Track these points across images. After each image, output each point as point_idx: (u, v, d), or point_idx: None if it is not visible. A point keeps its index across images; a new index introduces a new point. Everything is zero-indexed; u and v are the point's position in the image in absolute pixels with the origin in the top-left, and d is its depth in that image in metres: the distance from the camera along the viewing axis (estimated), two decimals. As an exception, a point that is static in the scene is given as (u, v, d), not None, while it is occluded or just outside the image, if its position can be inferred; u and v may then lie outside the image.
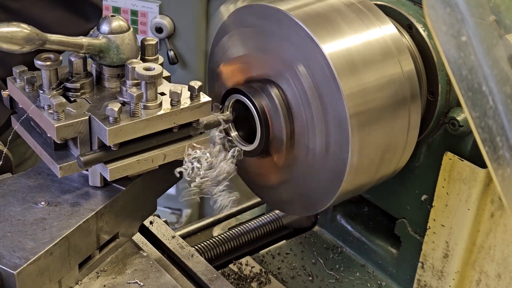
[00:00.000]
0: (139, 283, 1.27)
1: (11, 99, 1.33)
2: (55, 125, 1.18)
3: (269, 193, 1.51)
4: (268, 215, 1.83)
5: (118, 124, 1.19)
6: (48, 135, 1.24)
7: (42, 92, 1.24)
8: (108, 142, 1.19)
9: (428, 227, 1.48)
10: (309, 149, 1.34)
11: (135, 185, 1.32)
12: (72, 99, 1.26)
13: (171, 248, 1.44)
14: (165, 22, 2.88)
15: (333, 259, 1.73)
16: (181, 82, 1.30)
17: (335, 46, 1.26)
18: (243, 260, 1.71)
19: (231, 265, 1.69)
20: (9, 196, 1.28)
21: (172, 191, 3.11)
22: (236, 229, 1.77)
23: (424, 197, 1.50)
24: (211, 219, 1.95)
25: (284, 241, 1.80)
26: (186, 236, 1.88)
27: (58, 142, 1.23)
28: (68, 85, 1.26)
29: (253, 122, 1.37)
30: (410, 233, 1.55)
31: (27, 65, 1.29)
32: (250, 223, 1.80)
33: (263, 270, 1.69)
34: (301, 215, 1.80)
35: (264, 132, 1.36)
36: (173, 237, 1.47)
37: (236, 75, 1.44)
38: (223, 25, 1.46)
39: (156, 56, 1.35)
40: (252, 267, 1.70)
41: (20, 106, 1.30)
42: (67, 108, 1.22)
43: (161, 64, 1.31)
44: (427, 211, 1.48)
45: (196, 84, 1.26)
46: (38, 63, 1.23)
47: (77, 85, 1.26)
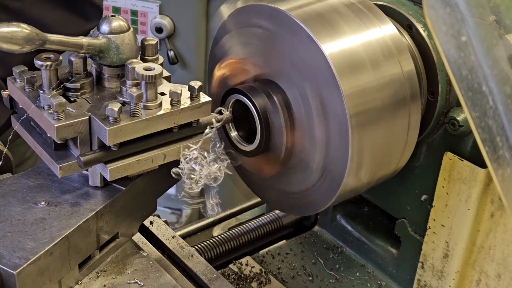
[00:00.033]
0: (139, 283, 1.27)
1: (11, 99, 1.33)
2: (55, 125, 1.18)
3: (269, 193, 1.51)
4: (268, 215, 1.83)
5: (118, 124, 1.19)
6: (48, 135, 1.24)
7: (42, 92, 1.24)
8: (108, 142, 1.19)
9: (428, 227, 1.48)
10: (309, 149, 1.34)
11: (135, 185, 1.32)
12: (72, 99, 1.26)
13: (171, 248, 1.44)
14: (165, 22, 2.88)
15: (333, 259, 1.73)
16: (181, 82, 1.30)
17: (335, 46, 1.26)
18: (243, 260, 1.71)
19: (231, 265, 1.69)
20: (9, 196, 1.28)
21: (172, 191, 3.11)
22: (236, 229, 1.77)
23: (424, 197, 1.50)
24: (211, 219, 1.95)
25: (284, 241, 1.80)
26: (186, 236, 1.88)
27: (58, 142, 1.23)
28: (68, 85, 1.26)
29: (253, 122, 1.37)
30: (410, 233, 1.55)
31: (27, 65, 1.29)
32: (250, 223, 1.80)
33: (263, 270, 1.69)
34: (301, 215, 1.81)
35: (264, 132, 1.36)
36: (173, 237, 1.47)
37: (236, 75, 1.44)
38: (223, 25, 1.46)
39: (156, 56, 1.35)
40: (252, 267, 1.70)
41: (20, 106, 1.30)
42: (67, 108, 1.22)
43: (161, 64, 1.31)
44: (427, 211, 1.48)
45: (196, 84, 1.26)
46: (38, 63, 1.23)
47: (77, 85, 1.26)
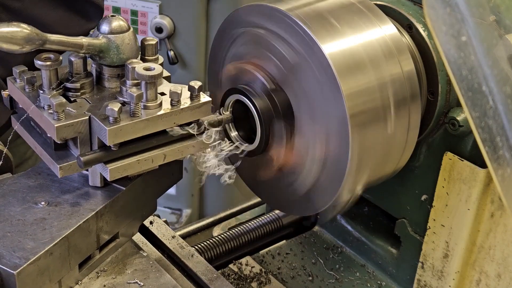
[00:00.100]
0: (139, 283, 1.27)
1: (11, 99, 1.33)
2: (55, 125, 1.18)
3: (269, 193, 1.51)
4: (268, 215, 1.83)
5: (118, 124, 1.19)
6: (48, 135, 1.24)
7: (42, 92, 1.24)
8: (108, 142, 1.19)
9: (428, 227, 1.48)
10: (309, 149, 1.34)
11: (135, 185, 1.32)
12: (72, 99, 1.26)
13: (171, 248, 1.44)
14: (165, 22, 2.88)
15: (333, 259, 1.73)
16: (181, 82, 1.29)
17: (335, 46, 1.26)
18: (243, 260, 1.71)
19: (231, 265, 1.69)
20: (9, 196, 1.28)
21: (172, 191, 3.12)
22: (236, 229, 1.77)
23: (424, 197, 1.50)
24: (211, 219, 1.95)
25: (284, 241, 1.80)
26: (186, 236, 1.88)
27: (58, 142, 1.23)
28: (68, 85, 1.26)
29: (253, 122, 1.37)
30: (410, 233, 1.55)
31: (28, 65, 1.29)
32: (250, 223, 1.80)
33: (263, 270, 1.69)
34: (301, 215, 1.81)
35: (264, 132, 1.36)
36: (173, 237, 1.47)
37: (236, 75, 1.44)
38: (223, 25, 1.46)
39: (156, 56, 1.35)
40: (252, 267, 1.70)
41: (20, 106, 1.30)
42: (67, 108, 1.22)
43: (161, 64, 1.31)
44: (427, 211, 1.48)
45: (196, 84, 1.26)
46: (38, 63, 1.23)
47: (77, 85, 1.26)
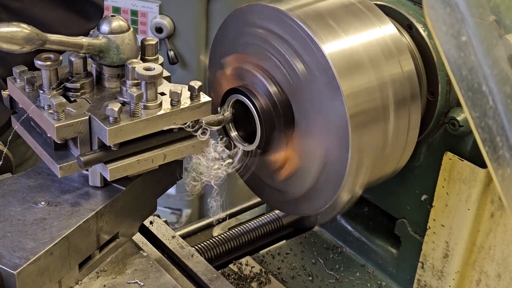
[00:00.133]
0: (139, 283, 1.27)
1: (11, 99, 1.33)
2: (55, 125, 1.18)
3: (269, 193, 1.51)
4: (268, 215, 1.83)
5: (118, 124, 1.19)
6: (48, 135, 1.24)
7: (42, 92, 1.24)
8: (108, 142, 1.19)
9: (428, 227, 1.48)
10: (309, 149, 1.34)
11: (135, 185, 1.32)
12: (72, 99, 1.26)
13: (171, 248, 1.44)
14: (165, 22, 2.88)
15: (333, 259, 1.73)
16: (181, 82, 1.29)
17: (335, 46, 1.26)
18: (243, 260, 1.71)
19: (231, 265, 1.69)
20: (9, 196, 1.28)
21: (172, 191, 3.12)
22: (236, 229, 1.77)
23: (424, 197, 1.50)
24: (211, 219, 1.95)
25: (284, 241, 1.80)
26: (186, 236, 1.88)
27: (58, 142, 1.23)
28: (68, 85, 1.26)
29: (253, 122, 1.37)
30: (410, 233, 1.55)
31: (28, 65, 1.29)
32: (250, 223, 1.80)
33: (263, 270, 1.69)
34: (301, 215, 1.81)
35: (264, 132, 1.36)
36: (173, 237, 1.47)
37: (236, 75, 1.44)
38: (223, 25, 1.46)
39: (156, 56, 1.35)
40: (252, 267, 1.70)
41: (20, 106, 1.30)
42: (67, 108, 1.22)
43: (161, 64, 1.31)
44: (427, 211, 1.48)
45: (196, 84, 1.26)
46: (38, 63, 1.23)
47: (77, 85, 1.26)
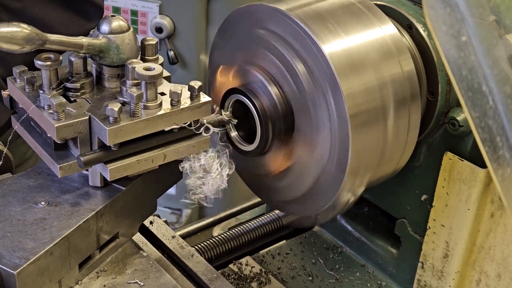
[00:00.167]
0: (139, 283, 1.27)
1: (11, 99, 1.33)
2: (55, 125, 1.18)
3: (269, 193, 1.51)
4: (268, 215, 1.83)
5: (118, 124, 1.19)
6: (48, 135, 1.24)
7: (42, 92, 1.24)
8: (108, 142, 1.19)
9: (428, 227, 1.48)
10: (309, 149, 1.34)
11: (135, 185, 1.32)
12: (72, 99, 1.26)
13: (171, 248, 1.44)
14: (165, 22, 2.88)
15: (333, 259, 1.73)
16: (181, 82, 1.29)
17: (335, 46, 1.26)
18: (243, 260, 1.71)
19: (231, 265, 1.69)
20: (9, 196, 1.28)
21: (172, 191, 3.11)
22: (236, 229, 1.77)
23: (424, 197, 1.50)
24: (211, 219, 1.95)
25: (284, 241, 1.80)
26: (186, 236, 1.88)
27: (58, 142, 1.23)
28: (68, 85, 1.26)
29: (253, 122, 1.37)
30: (410, 233, 1.55)
31: (28, 65, 1.29)
32: (250, 223, 1.80)
33: (263, 270, 1.69)
34: (301, 215, 1.80)
35: (264, 132, 1.36)
36: (173, 237, 1.47)
37: (236, 75, 1.44)
38: (223, 25, 1.46)
39: (156, 56, 1.35)
40: (252, 267, 1.69)
41: (20, 106, 1.30)
42: (67, 108, 1.22)
43: (161, 64, 1.31)
44: (427, 211, 1.48)
45: (196, 84, 1.26)
46: (38, 63, 1.23)
47: (77, 85, 1.26)
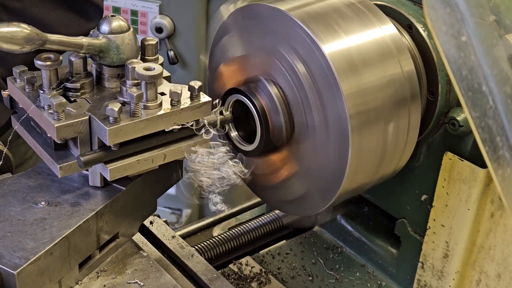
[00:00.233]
0: (139, 283, 1.27)
1: (11, 99, 1.33)
2: (55, 125, 1.18)
3: (269, 193, 1.51)
4: (268, 215, 1.83)
5: (118, 124, 1.19)
6: (48, 135, 1.24)
7: (42, 92, 1.24)
8: (108, 142, 1.19)
9: (428, 227, 1.48)
10: (309, 149, 1.34)
11: (135, 185, 1.32)
12: (72, 99, 1.26)
13: (171, 248, 1.44)
14: (165, 22, 2.88)
15: (333, 259, 1.73)
16: (181, 82, 1.30)
17: (335, 46, 1.26)
18: (243, 260, 1.71)
19: (231, 265, 1.69)
20: (9, 196, 1.28)
21: (172, 191, 3.12)
22: (236, 229, 1.77)
23: (424, 197, 1.50)
24: (211, 219, 1.95)
25: (284, 241, 1.80)
26: (186, 236, 1.88)
27: (58, 142, 1.23)
28: (68, 85, 1.26)
29: (253, 122, 1.37)
30: (410, 233, 1.55)
31: (28, 65, 1.29)
32: (250, 223, 1.80)
33: (263, 270, 1.69)
34: (301, 215, 1.80)
35: (264, 132, 1.36)
36: (173, 237, 1.47)
37: (236, 75, 1.44)
38: (223, 25, 1.46)
39: (156, 56, 1.35)
40: (252, 267, 1.70)
41: (20, 106, 1.30)
42: (67, 108, 1.22)
43: (161, 64, 1.31)
44: (427, 211, 1.48)
45: (196, 84, 1.26)
46: (38, 63, 1.23)
47: (77, 85, 1.26)
